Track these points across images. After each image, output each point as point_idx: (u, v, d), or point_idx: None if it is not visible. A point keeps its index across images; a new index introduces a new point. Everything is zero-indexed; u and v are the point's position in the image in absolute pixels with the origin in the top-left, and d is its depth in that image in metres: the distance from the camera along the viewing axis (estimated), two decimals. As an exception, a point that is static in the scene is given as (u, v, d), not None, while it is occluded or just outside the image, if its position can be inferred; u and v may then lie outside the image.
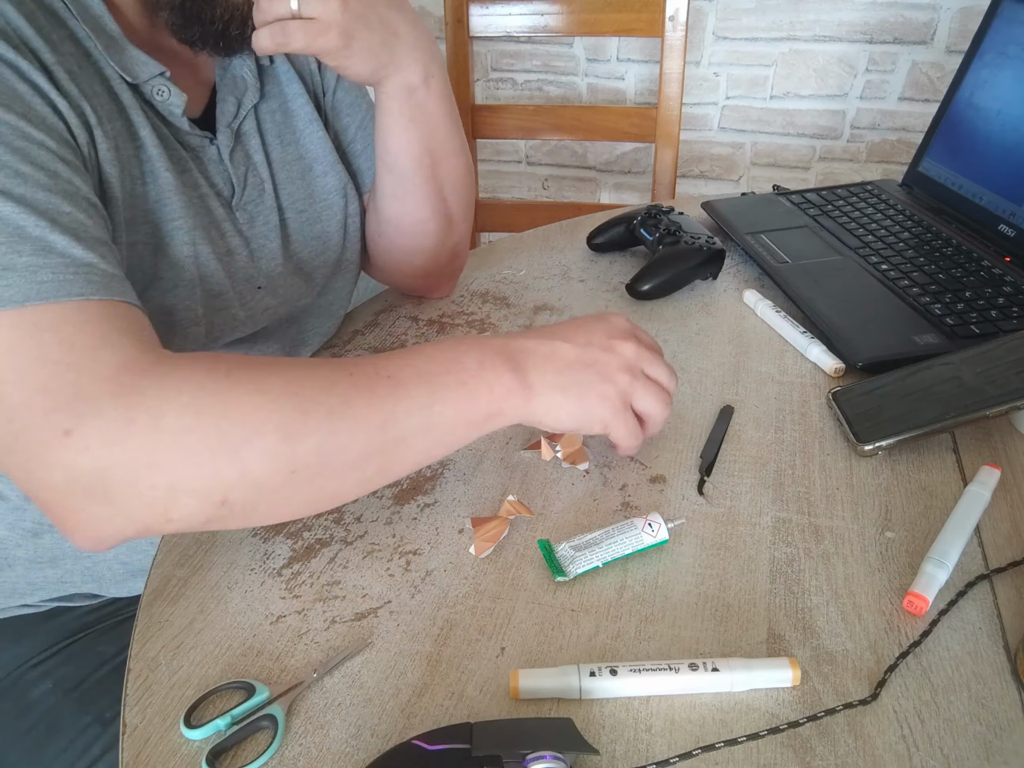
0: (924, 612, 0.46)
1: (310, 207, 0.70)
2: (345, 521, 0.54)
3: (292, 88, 0.68)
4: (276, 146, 0.67)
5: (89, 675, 0.64)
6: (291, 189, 0.68)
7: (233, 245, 0.63)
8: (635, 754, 0.39)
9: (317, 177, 0.70)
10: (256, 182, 0.64)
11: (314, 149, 0.70)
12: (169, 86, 0.56)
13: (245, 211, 0.64)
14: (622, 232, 0.89)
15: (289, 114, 0.68)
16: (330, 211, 0.71)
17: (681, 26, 1.24)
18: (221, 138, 0.61)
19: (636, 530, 0.49)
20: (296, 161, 0.69)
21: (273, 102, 0.67)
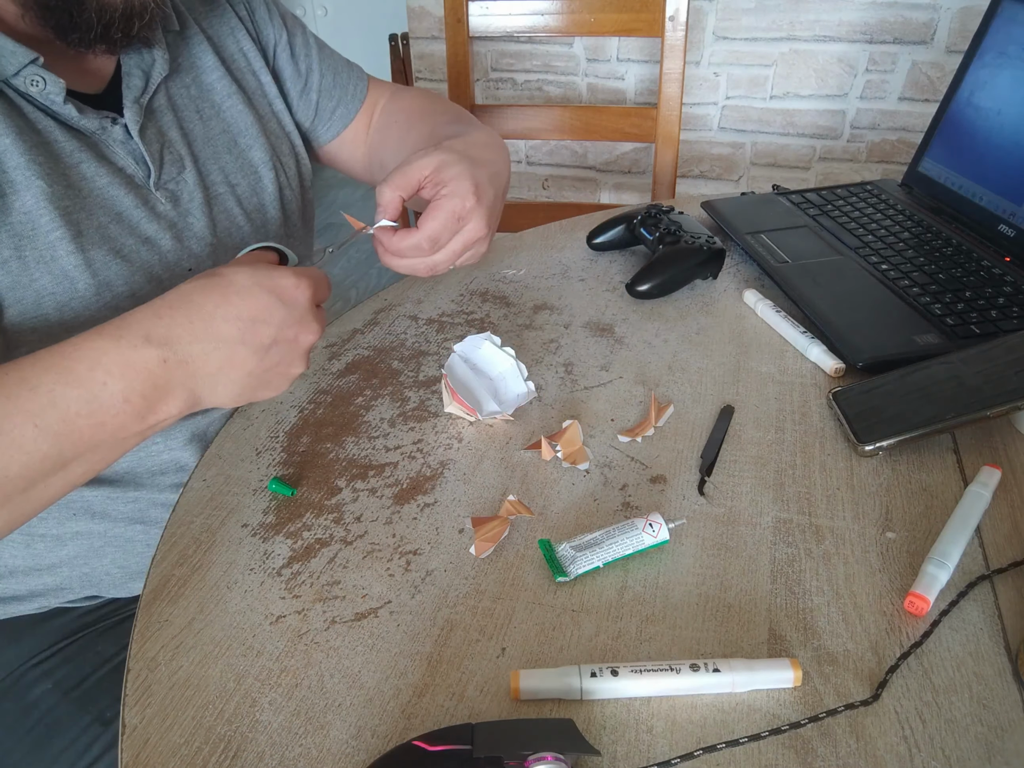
0: (925, 612, 0.45)
1: (242, 181, 0.67)
2: (345, 521, 0.54)
3: (206, 61, 0.66)
4: (196, 121, 0.64)
5: (89, 675, 0.63)
6: (220, 164, 0.66)
7: (151, 232, 0.59)
8: (636, 755, 0.39)
9: (243, 151, 0.68)
10: (174, 159, 0.62)
11: (236, 122, 0.67)
12: (43, 74, 0.52)
13: (166, 190, 0.61)
14: (622, 232, 0.89)
15: (204, 87, 0.66)
16: (261, 184, 0.69)
17: (681, 26, 1.24)
18: (128, 115, 0.58)
19: (637, 530, 0.49)
20: (220, 135, 0.66)
21: (186, 76, 0.64)
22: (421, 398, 0.66)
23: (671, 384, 0.67)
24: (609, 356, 0.71)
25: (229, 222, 0.66)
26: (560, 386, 0.67)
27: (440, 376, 0.65)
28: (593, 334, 0.75)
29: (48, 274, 0.53)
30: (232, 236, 0.67)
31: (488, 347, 0.66)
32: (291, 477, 0.58)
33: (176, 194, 0.62)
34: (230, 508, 0.55)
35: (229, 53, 0.69)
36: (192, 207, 0.63)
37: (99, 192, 0.57)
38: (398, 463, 0.59)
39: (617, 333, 0.75)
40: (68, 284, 0.54)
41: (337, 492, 0.56)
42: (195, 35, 0.66)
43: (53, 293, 0.54)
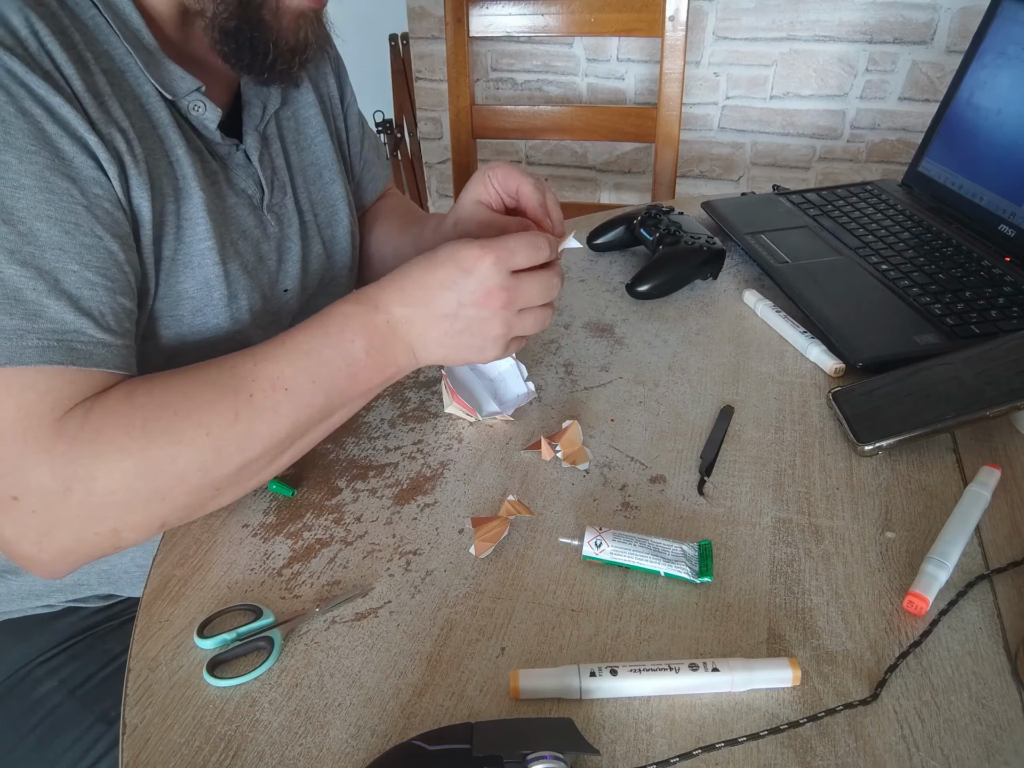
0: (924, 612, 0.46)
1: (323, 211, 0.72)
2: (345, 521, 0.54)
3: (306, 96, 0.70)
4: (293, 151, 0.68)
5: (95, 673, 0.64)
6: (307, 194, 0.69)
7: (264, 252, 0.64)
8: (635, 754, 0.39)
9: (326, 184, 0.72)
10: (280, 184, 0.66)
11: (323, 157, 0.72)
12: (205, 101, 0.56)
13: (274, 212, 0.65)
14: (622, 232, 0.89)
15: (301, 121, 0.70)
16: (338, 217, 0.73)
17: (681, 26, 1.24)
18: (249, 141, 0.62)
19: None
20: (310, 166, 0.70)
21: (288, 108, 0.68)
22: (421, 399, 0.66)
23: (671, 384, 0.67)
24: (609, 356, 0.71)
25: (310, 249, 0.70)
26: (560, 386, 0.67)
27: (440, 376, 0.65)
28: (593, 334, 0.75)
29: (192, 279, 0.57)
30: (312, 263, 0.71)
31: None
32: (291, 477, 0.58)
33: (280, 216, 0.66)
34: (230, 508, 0.55)
35: (322, 92, 0.73)
36: (291, 231, 0.67)
37: (231, 209, 0.61)
38: (398, 463, 0.59)
39: (617, 333, 0.75)
40: (207, 291, 0.58)
41: (337, 492, 0.56)
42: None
43: (192, 297, 0.57)
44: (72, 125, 0.47)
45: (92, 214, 0.48)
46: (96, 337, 0.47)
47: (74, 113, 0.47)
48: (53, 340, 0.45)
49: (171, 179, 0.55)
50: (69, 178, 0.47)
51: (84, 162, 0.48)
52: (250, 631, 0.46)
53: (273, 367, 0.49)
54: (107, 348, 0.48)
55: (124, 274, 0.50)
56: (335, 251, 0.74)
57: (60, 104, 0.47)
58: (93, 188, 0.48)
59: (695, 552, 0.49)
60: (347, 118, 0.77)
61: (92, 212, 0.48)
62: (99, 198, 0.49)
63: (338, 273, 0.74)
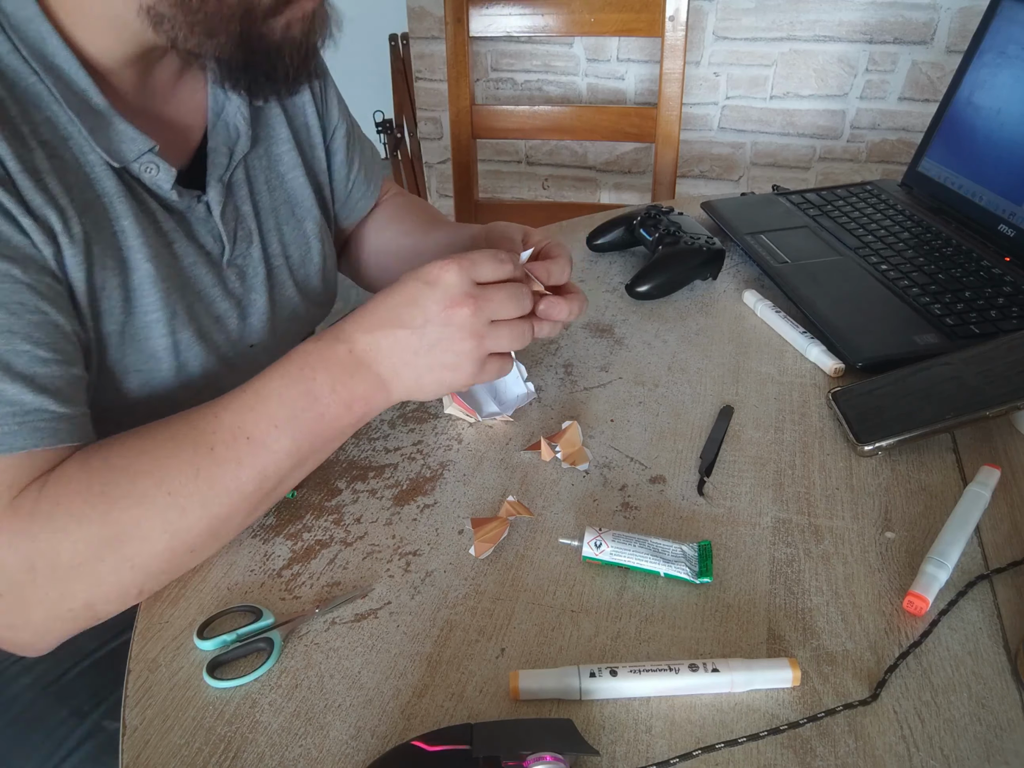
0: (924, 612, 0.46)
1: (296, 251, 0.69)
2: (345, 522, 0.54)
3: (280, 132, 0.67)
4: (264, 193, 0.65)
5: (69, 669, 0.63)
6: (278, 236, 0.67)
7: (222, 311, 0.61)
8: (635, 755, 0.39)
9: (299, 221, 0.69)
10: (244, 234, 0.63)
11: (296, 193, 0.69)
12: (158, 163, 0.54)
13: (235, 266, 0.62)
14: (622, 232, 0.89)
15: (273, 158, 0.67)
16: (310, 254, 0.71)
17: (681, 26, 1.24)
18: (212, 194, 0.59)
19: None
20: (283, 205, 0.68)
21: (260, 147, 0.65)
22: (421, 399, 0.66)
23: (671, 384, 0.67)
24: (609, 357, 0.71)
25: (281, 294, 0.68)
26: (560, 387, 0.67)
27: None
28: (593, 335, 0.75)
29: (138, 352, 0.55)
30: (284, 308, 0.68)
31: None
32: (291, 478, 0.58)
33: (243, 269, 0.63)
34: (230, 509, 0.55)
35: (298, 124, 0.70)
36: (256, 283, 0.64)
37: (187, 271, 0.58)
38: (398, 464, 0.59)
39: (617, 334, 0.75)
40: (154, 363, 0.56)
41: (337, 493, 0.56)
42: (273, 106, 0.67)
43: (139, 371, 0.56)
44: (5, 206, 0.45)
45: (35, 291, 0.46)
46: (58, 412, 0.46)
47: (7, 196, 0.45)
48: (15, 424, 0.44)
49: (115, 252, 0.53)
50: (8, 259, 0.45)
51: (21, 240, 0.46)
52: (250, 632, 0.46)
53: (233, 416, 0.47)
54: (70, 422, 0.47)
55: (73, 344, 0.49)
56: (308, 291, 0.71)
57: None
58: (32, 265, 0.47)
59: (695, 552, 0.49)
60: (330, 144, 0.74)
61: (35, 289, 0.46)
62: (41, 272, 0.47)
63: (312, 314, 0.72)
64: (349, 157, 0.77)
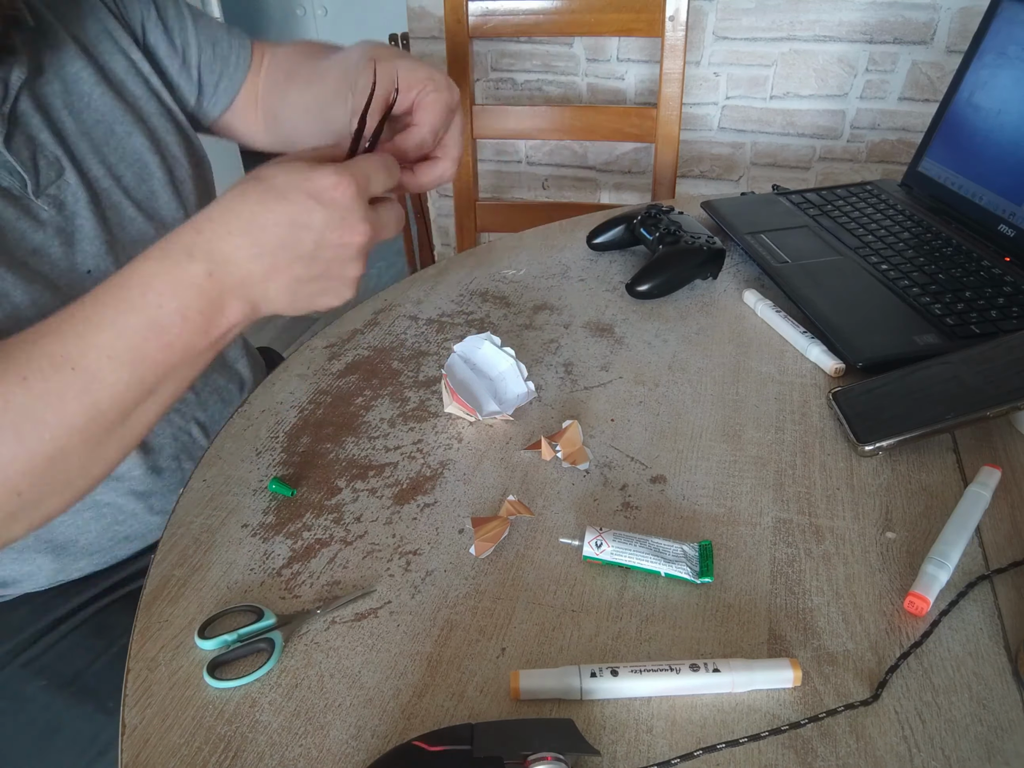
0: (925, 612, 0.46)
1: (127, 171, 0.65)
2: (345, 521, 0.54)
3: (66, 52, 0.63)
4: (66, 118, 0.62)
5: (85, 668, 0.63)
6: (100, 158, 0.63)
7: (37, 242, 0.58)
8: (636, 755, 0.39)
9: (122, 139, 0.65)
10: (49, 163, 0.59)
11: (110, 111, 0.65)
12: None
13: (48, 196, 0.59)
14: (622, 232, 0.89)
15: (68, 81, 0.63)
16: (148, 170, 0.66)
17: (681, 26, 1.24)
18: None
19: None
20: (95, 126, 0.63)
21: (48, 73, 0.62)
22: (421, 398, 0.66)
23: (671, 384, 0.67)
24: (609, 356, 0.71)
25: (120, 216, 0.64)
26: (560, 386, 0.67)
27: (440, 376, 0.65)
28: (593, 334, 0.75)
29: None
30: (126, 230, 0.64)
31: (488, 347, 0.66)
32: (291, 477, 0.58)
33: (59, 198, 0.59)
34: (230, 508, 0.55)
35: (91, 37, 0.65)
36: (78, 208, 0.60)
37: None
38: (398, 463, 0.59)
39: (617, 333, 0.75)
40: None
41: (337, 492, 0.56)
42: (49, 27, 0.62)
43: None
44: None
45: None
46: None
47: None
48: None
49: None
50: None
51: None
52: (251, 632, 0.46)
53: (56, 344, 0.41)
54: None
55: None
56: (155, 210, 0.66)
57: None
58: None
59: (695, 552, 0.49)
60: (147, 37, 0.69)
61: None
62: None
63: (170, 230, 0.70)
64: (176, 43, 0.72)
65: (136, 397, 0.43)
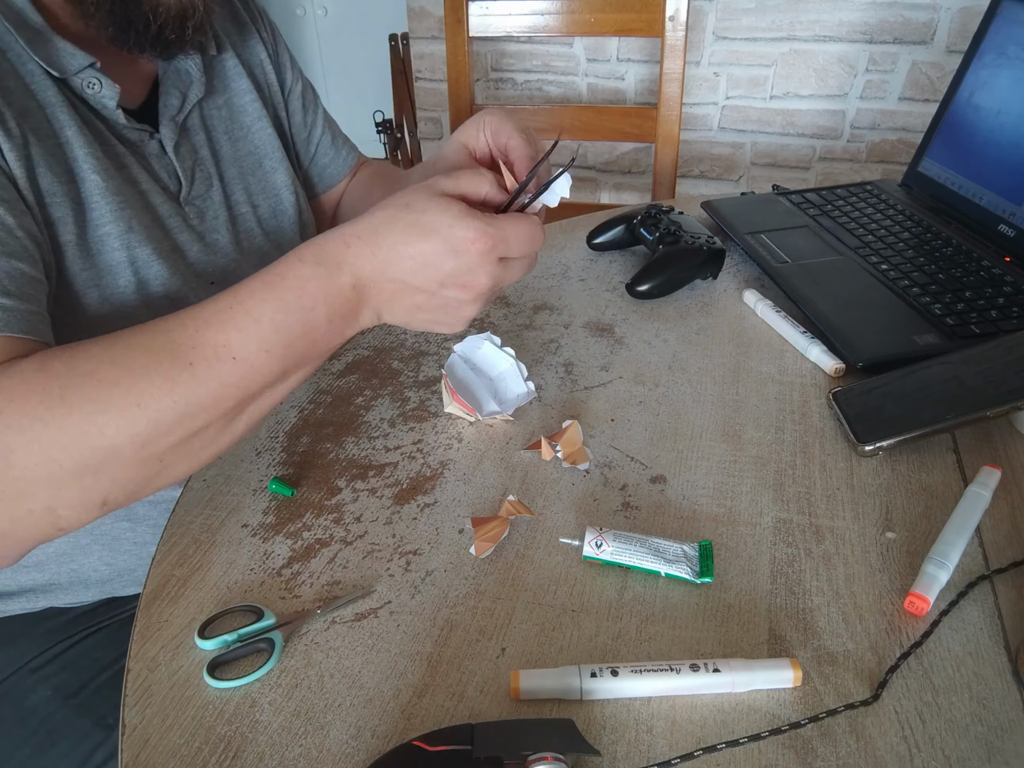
0: (925, 612, 0.45)
1: (264, 203, 0.70)
2: (345, 521, 0.54)
3: (239, 84, 0.68)
4: (224, 142, 0.66)
5: (89, 681, 0.63)
6: (243, 185, 0.67)
7: (182, 240, 0.62)
8: (636, 755, 0.39)
9: (267, 173, 0.70)
10: (204, 176, 0.64)
11: (263, 145, 0.70)
12: (100, 78, 0.54)
13: (194, 205, 0.63)
14: (622, 231, 0.89)
15: (235, 110, 0.68)
16: (283, 207, 0.71)
17: (681, 26, 1.24)
18: (164, 131, 0.60)
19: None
20: (247, 156, 0.68)
21: (219, 98, 0.67)
22: (421, 398, 0.66)
23: (671, 384, 0.67)
24: (609, 356, 0.71)
25: (250, 241, 0.68)
26: (560, 386, 0.67)
27: (440, 376, 0.65)
28: (593, 334, 0.75)
29: (94, 267, 0.55)
30: (253, 255, 0.69)
31: (488, 347, 0.66)
32: (291, 477, 0.58)
33: (203, 210, 0.64)
34: (230, 508, 0.55)
35: (259, 80, 0.71)
36: (217, 224, 0.65)
37: (144, 195, 0.58)
38: (398, 463, 0.59)
39: (617, 333, 0.75)
40: (111, 278, 0.56)
41: (337, 492, 0.56)
42: (230, 58, 0.68)
43: (97, 285, 0.55)
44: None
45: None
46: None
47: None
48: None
49: (60, 161, 0.52)
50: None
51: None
52: (251, 632, 0.46)
53: (218, 334, 0.44)
54: (7, 312, 0.45)
55: (17, 239, 0.47)
56: (282, 242, 0.71)
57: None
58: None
59: (696, 553, 0.49)
60: (288, 104, 0.75)
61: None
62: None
63: None
64: (308, 121, 0.77)
65: (274, 382, 0.48)
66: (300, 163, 0.78)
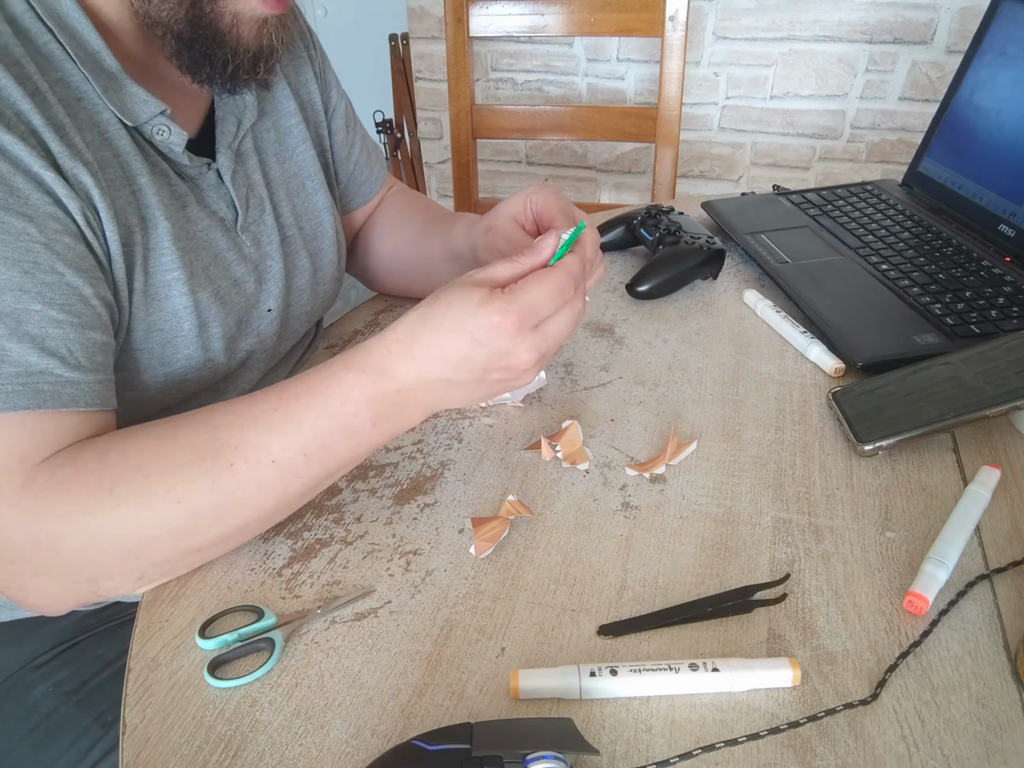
0: (924, 612, 0.46)
1: (307, 224, 0.70)
2: (345, 521, 0.54)
3: (287, 106, 0.68)
4: (273, 164, 0.66)
5: (90, 678, 0.64)
6: (290, 207, 0.68)
7: (239, 275, 0.62)
8: (635, 754, 0.39)
9: (310, 195, 0.70)
10: (257, 202, 0.64)
11: (306, 167, 0.70)
12: (170, 125, 0.54)
13: (250, 232, 0.63)
14: (622, 232, 0.89)
15: (282, 131, 0.68)
16: (323, 228, 0.71)
17: (681, 26, 1.24)
18: (222, 160, 0.60)
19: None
20: (293, 178, 0.69)
21: (267, 120, 0.67)
22: (421, 398, 0.66)
23: (671, 384, 0.67)
24: (609, 356, 0.71)
25: (295, 263, 0.68)
26: (560, 386, 0.67)
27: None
28: (593, 334, 0.75)
29: (160, 311, 0.55)
30: (297, 278, 0.69)
31: None
32: (291, 477, 0.58)
33: (258, 236, 0.64)
34: (230, 508, 0.55)
35: (303, 101, 0.71)
36: (271, 249, 0.65)
37: (202, 233, 0.58)
38: (398, 463, 0.59)
39: (617, 333, 0.75)
40: (175, 323, 0.56)
41: (337, 492, 0.56)
42: (279, 80, 0.68)
43: (161, 329, 0.56)
44: (25, 162, 0.45)
45: (51, 251, 0.46)
46: (64, 376, 0.46)
47: (27, 150, 0.45)
48: (18, 384, 0.44)
49: (135, 209, 0.53)
50: (25, 216, 0.45)
51: (40, 198, 0.46)
52: (252, 632, 0.46)
53: (261, 436, 0.46)
54: (76, 387, 0.46)
55: (91, 308, 0.48)
56: (322, 263, 0.72)
57: (12, 142, 0.44)
58: (51, 224, 0.46)
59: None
60: (331, 123, 0.75)
61: (51, 249, 0.46)
62: (58, 233, 0.46)
63: (325, 285, 0.73)
64: (349, 139, 0.78)
65: (317, 484, 0.49)
66: (338, 181, 0.78)
